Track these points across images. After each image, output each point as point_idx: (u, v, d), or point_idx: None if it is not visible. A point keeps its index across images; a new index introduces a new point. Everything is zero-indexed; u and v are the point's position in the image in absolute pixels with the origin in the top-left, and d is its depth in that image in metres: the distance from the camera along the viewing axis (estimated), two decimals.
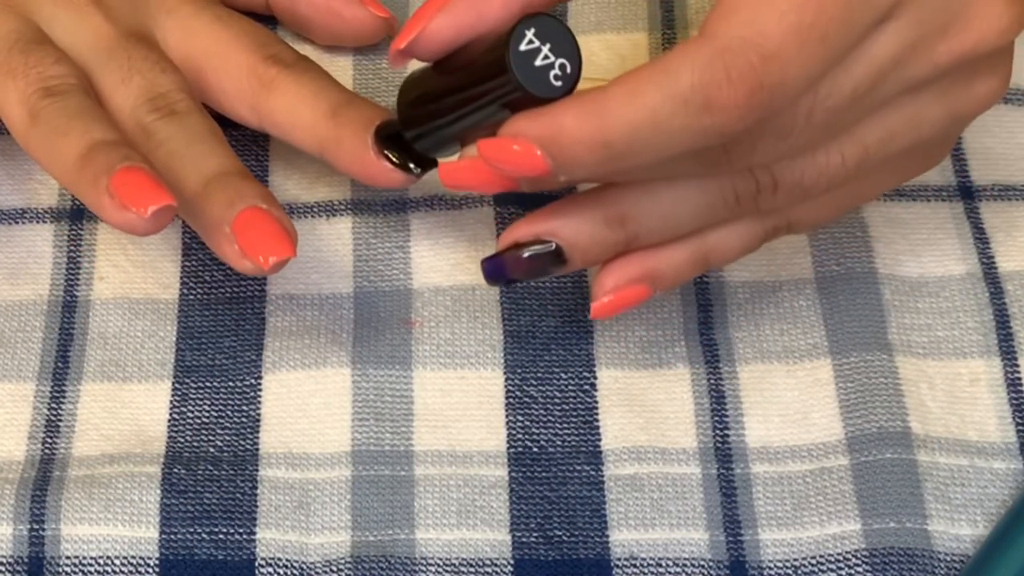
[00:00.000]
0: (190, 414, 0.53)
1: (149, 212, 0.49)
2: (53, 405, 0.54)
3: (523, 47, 0.45)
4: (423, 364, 0.54)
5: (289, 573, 0.50)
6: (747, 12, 0.43)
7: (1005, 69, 0.48)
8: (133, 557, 0.50)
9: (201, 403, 0.53)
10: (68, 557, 0.50)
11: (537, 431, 0.53)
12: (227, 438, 0.53)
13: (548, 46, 0.45)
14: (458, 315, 0.55)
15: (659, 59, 0.43)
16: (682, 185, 0.47)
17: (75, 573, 0.50)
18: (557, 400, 0.53)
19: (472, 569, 0.50)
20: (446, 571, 0.50)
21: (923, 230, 0.56)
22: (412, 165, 0.52)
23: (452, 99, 0.48)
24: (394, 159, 0.52)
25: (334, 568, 0.50)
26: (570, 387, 0.53)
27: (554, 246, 0.48)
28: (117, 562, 0.50)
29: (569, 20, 0.62)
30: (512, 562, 0.50)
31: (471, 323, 0.55)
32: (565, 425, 0.53)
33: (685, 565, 0.50)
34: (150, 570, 0.50)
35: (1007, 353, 0.54)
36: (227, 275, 0.56)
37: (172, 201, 0.49)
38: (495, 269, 0.49)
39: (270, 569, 0.50)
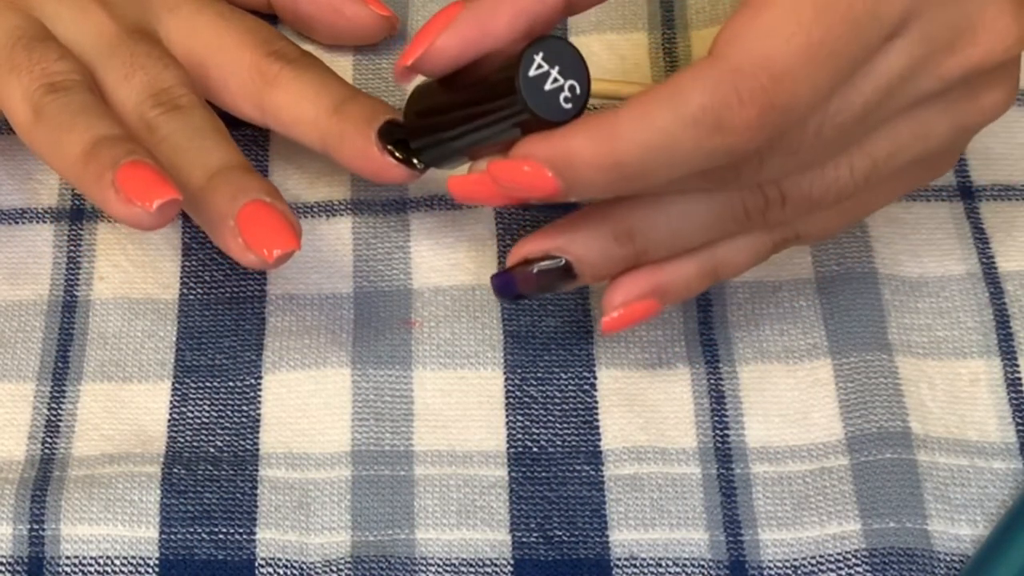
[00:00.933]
0: (190, 414, 0.53)
1: (154, 206, 0.49)
2: (53, 405, 0.54)
3: (532, 72, 0.45)
4: (423, 364, 0.54)
5: (289, 573, 0.50)
6: (756, 34, 0.43)
7: (1011, 81, 0.48)
8: (133, 557, 0.50)
9: (201, 403, 0.53)
10: (68, 557, 0.50)
11: (537, 431, 0.53)
12: (227, 438, 0.53)
13: (557, 68, 0.45)
14: (458, 315, 0.55)
15: (669, 81, 0.43)
16: (691, 200, 0.48)
17: (75, 573, 0.50)
18: (557, 400, 0.53)
19: (472, 569, 0.50)
20: (446, 571, 0.50)
21: (923, 230, 0.56)
22: (415, 161, 0.52)
23: (460, 115, 0.48)
24: (398, 154, 0.52)
25: (334, 568, 0.50)
26: (570, 387, 0.53)
27: (563, 262, 0.48)
28: (117, 562, 0.50)
29: (569, 20, 0.62)
30: (512, 562, 0.50)
31: (471, 323, 0.55)
32: (565, 425, 0.53)
33: (685, 565, 0.50)
34: (150, 570, 0.50)
35: (1007, 353, 0.54)
36: (227, 275, 0.56)
37: (177, 195, 0.49)
38: (504, 285, 0.50)
39: (270, 569, 0.50)
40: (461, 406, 0.53)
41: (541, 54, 0.45)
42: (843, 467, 0.51)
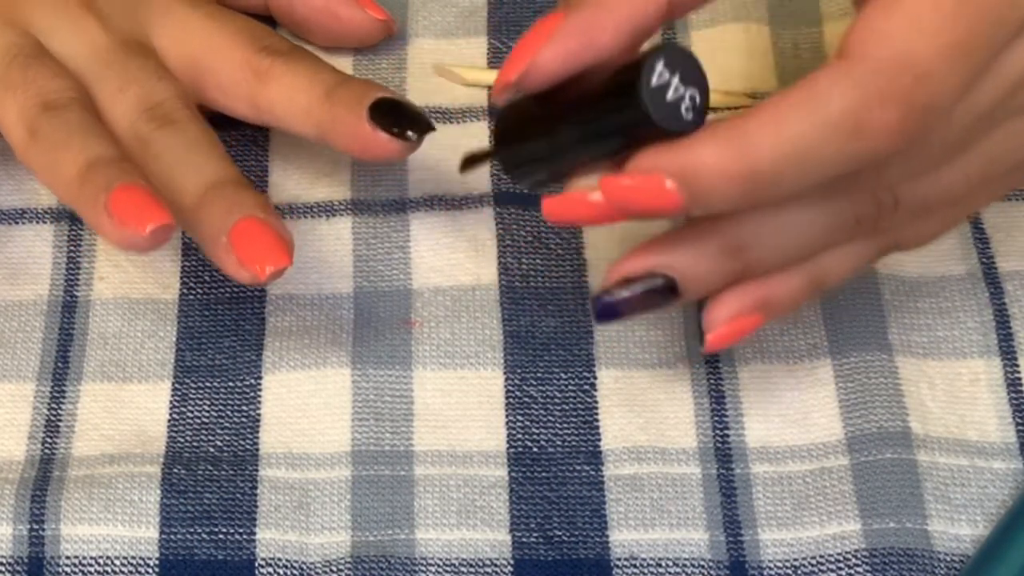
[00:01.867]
0: (190, 414, 0.53)
1: (147, 230, 0.49)
2: (53, 405, 0.54)
3: (655, 81, 0.43)
4: (423, 364, 0.54)
5: (289, 573, 0.50)
6: (896, 31, 0.41)
7: None
8: (133, 557, 0.50)
9: (201, 403, 0.54)
10: (68, 557, 0.50)
11: (537, 431, 0.53)
12: (227, 438, 0.53)
13: (677, 77, 0.43)
14: (458, 315, 0.55)
15: (803, 84, 0.42)
16: (802, 211, 0.46)
17: (75, 573, 0.50)
18: (557, 400, 0.53)
19: (472, 569, 0.50)
20: (446, 571, 0.50)
21: None
22: (410, 132, 0.52)
23: (563, 132, 0.46)
24: (391, 130, 0.52)
25: (334, 568, 0.50)
26: (570, 387, 0.53)
27: (664, 279, 0.46)
28: (117, 562, 0.50)
29: None
30: (512, 562, 0.50)
31: (471, 323, 0.55)
32: (565, 425, 0.53)
33: (685, 565, 0.50)
34: (150, 570, 0.50)
35: (1007, 353, 0.54)
36: (227, 275, 0.55)
37: (170, 220, 0.49)
38: (607, 308, 0.47)
39: (270, 569, 0.50)
40: (461, 406, 0.53)
41: (662, 61, 0.43)
42: (843, 467, 0.51)
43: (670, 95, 0.43)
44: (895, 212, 0.46)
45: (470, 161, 0.51)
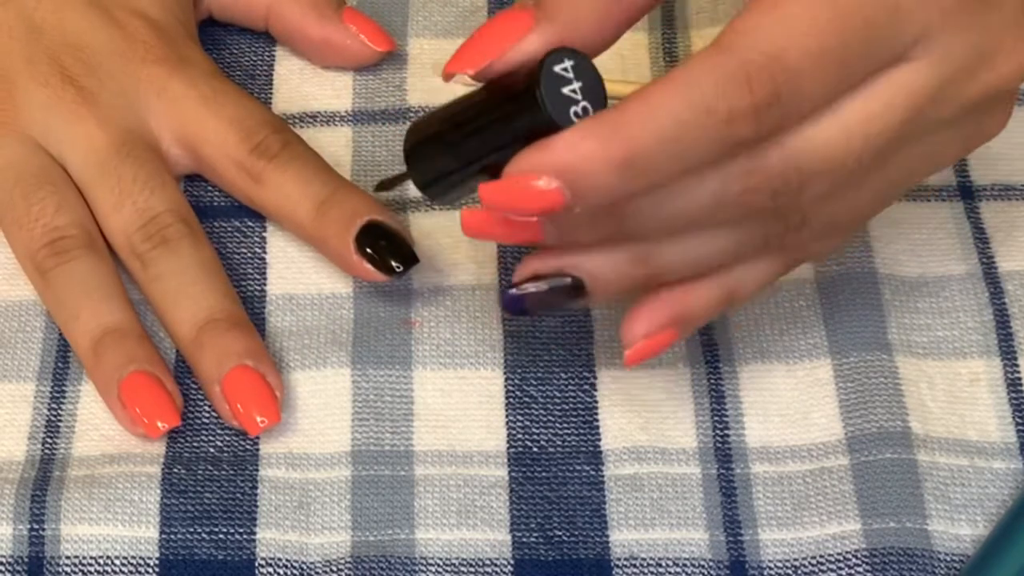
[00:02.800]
0: (190, 414, 0.53)
1: (156, 436, 0.52)
2: (53, 405, 0.54)
3: (556, 69, 0.44)
4: (423, 364, 0.54)
5: (289, 573, 0.50)
6: (768, 30, 0.43)
7: (1013, 100, 0.49)
8: (133, 557, 0.50)
9: (201, 403, 0.53)
10: (68, 557, 0.50)
11: (537, 431, 0.53)
12: (227, 438, 0.53)
13: (580, 84, 0.44)
14: (458, 315, 0.55)
15: (677, 70, 0.43)
16: (711, 228, 0.47)
17: (75, 573, 0.50)
18: (557, 400, 0.53)
19: (472, 569, 0.50)
20: (446, 571, 0.50)
21: (923, 230, 0.56)
22: (394, 264, 0.53)
23: (466, 132, 0.46)
24: (376, 259, 0.53)
25: (334, 568, 0.50)
26: (570, 387, 0.53)
27: (572, 280, 0.47)
28: (117, 562, 0.50)
29: None
30: (512, 562, 0.50)
31: (471, 323, 0.55)
32: (565, 425, 0.53)
33: (685, 565, 0.50)
34: (150, 570, 0.50)
35: (1007, 353, 0.54)
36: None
37: (178, 421, 0.52)
38: (513, 301, 0.48)
39: (270, 569, 0.50)
40: (461, 406, 0.53)
41: (572, 63, 0.44)
42: (843, 467, 0.51)
43: (565, 90, 0.44)
44: (802, 230, 0.47)
45: (383, 185, 0.52)
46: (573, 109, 0.44)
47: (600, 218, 0.45)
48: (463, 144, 0.46)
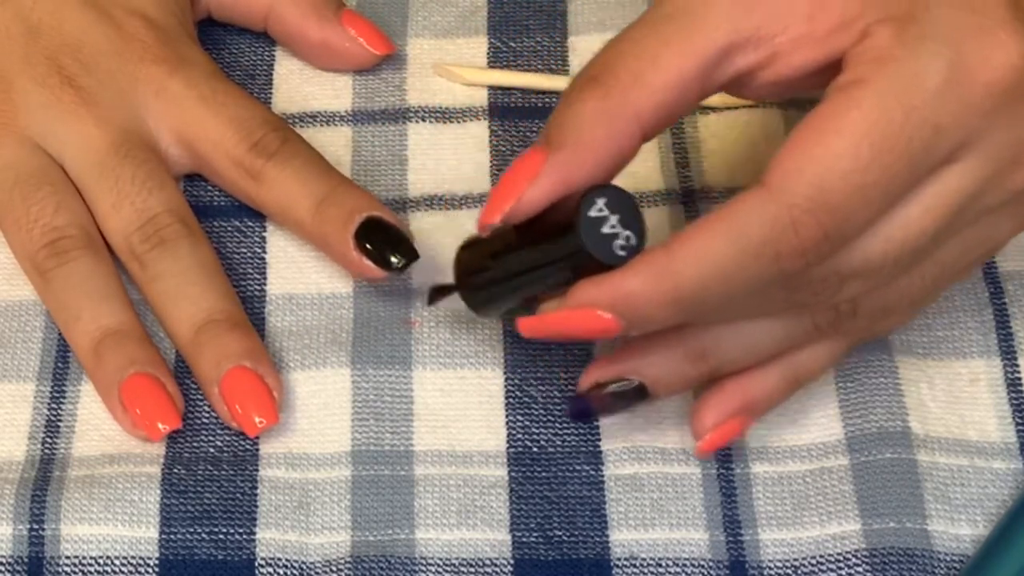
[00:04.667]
0: (190, 414, 0.53)
1: (157, 438, 0.52)
2: (53, 405, 0.54)
3: (592, 213, 0.45)
4: (423, 364, 0.54)
5: (289, 573, 0.50)
6: (812, 170, 0.43)
7: None
8: (133, 557, 0.50)
9: (201, 403, 0.53)
10: (68, 557, 0.50)
11: (537, 431, 0.53)
12: (227, 438, 0.53)
13: (617, 217, 0.45)
14: (458, 315, 0.55)
15: (724, 212, 0.44)
16: (760, 321, 0.48)
17: (75, 573, 0.50)
18: (557, 400, 0.53)
19: (472, 569, 0.50)
20: (446, 571, 0.50)
21: None
22: (394, 259, 0.53)
23: (515, 260, 0.48)
24: (375, 255, 0.53)
25: (334, 568, 0.50)
26: (570, 387, 0.53)
27: (637, 383, 0.49)
28: (117, 562, 0.50)
29: (569, 19, 0.62)
30: (512, 562, 0.50)
31: (471, 323, 0.55)
32: (565, 425, 0.53)
33: (685, 565, 0.50)
34: (150, 570, 0.50)
35: (1007, 353, 0.54)
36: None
37: (179, 424, 0.52)
38: (581, 409, 0.51)
39: (270, 569, 0.50)
40: (461, 406, 0.53)
41: (604, 200, 0.45)
42: (843, 467, 0.51)
43: (605, 229, 0.45)
44: (854, 318, 0.48)
45: (437, 293, 0.53)
46: (617, 243, 0.45)
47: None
48: (511, 275, 0.49)
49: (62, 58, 0.56)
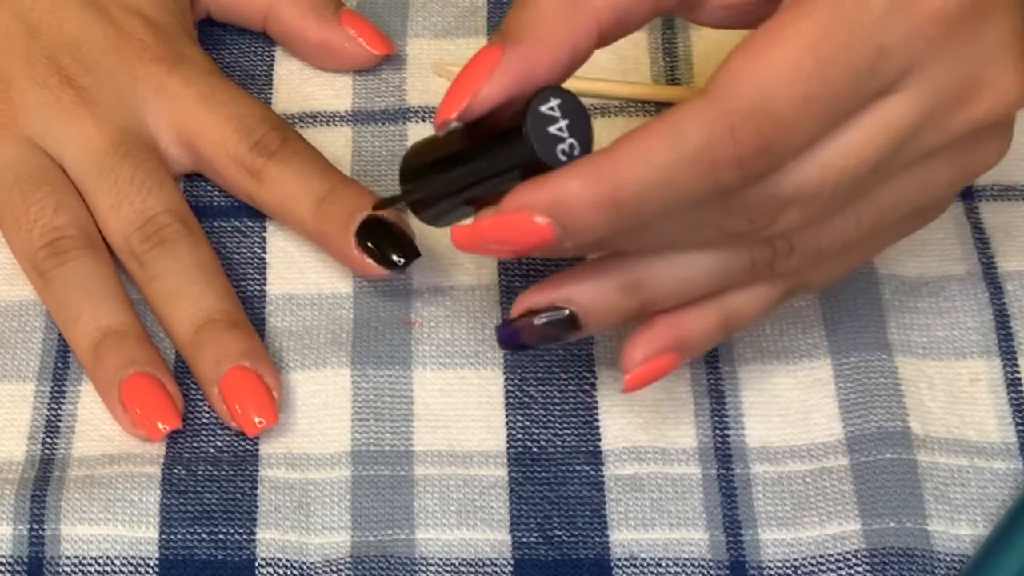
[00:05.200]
0: (190, 414, 0.53)
1: (158, 438, 0.52)
2: (53, 405, 0.54)
3: (543, 109, 0.44)
4: (423, 364, 0.54)
5: (289, 573, 0.50)
6: (755, 77, 0.43)
7: (1008, 131, 0.48)
8: (133, 557, 0.50)
9: (201, 403, 0.53)
10: (68, 557, 0.50)
11: (537, 431, 0.53)
12: (227, 438, 0.53)
13: (567, 122, 0.44)
14: (458, 315, 0.55)
15: (665, 118, 0.43)
16: (698, 252, 0.47)
17: (75, 573, 0.50)
18: (557, 400, 0.53)
19: (472, 569, 0.50)
20: (446, 571, 0.50)
21: (923, 230, 0.56)
22: (395, 257, 0.53)
23: (459, 163, 0.47)
24: (377, 253, 0.53)
25: (334, 568, 0.50)
26: (570, 387, 0.53)
27: (568, 312, 0.47)
28: (117, 562, 0.50)
29: None
30: (512, 562, 0.50)
31: (471, 323, 0.55)
32: (565, 425, 0.53)
33: (685, 565, 0.50)
34: (150, 570, 0.50)
35: (1007, 353, 0.54)
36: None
37: (179, 423, 0.52)
38: (509, 336, 0.49)
39: (270, 569, 0.50)
40: (461, 406, 0.53)
41: (559, 101, 0.44)
42: (843, 467, 0.51)
43: (551, 129, 0.44)
44: (790, 256, 0.47)
45: (385, 203, 0.52)
46: (560, 147, 0.44)
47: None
48: (455, 178, 0.47)
49: (61, 58, 0.56)
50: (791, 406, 0.53)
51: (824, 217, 0.47)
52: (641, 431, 0.52)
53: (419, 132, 0.59)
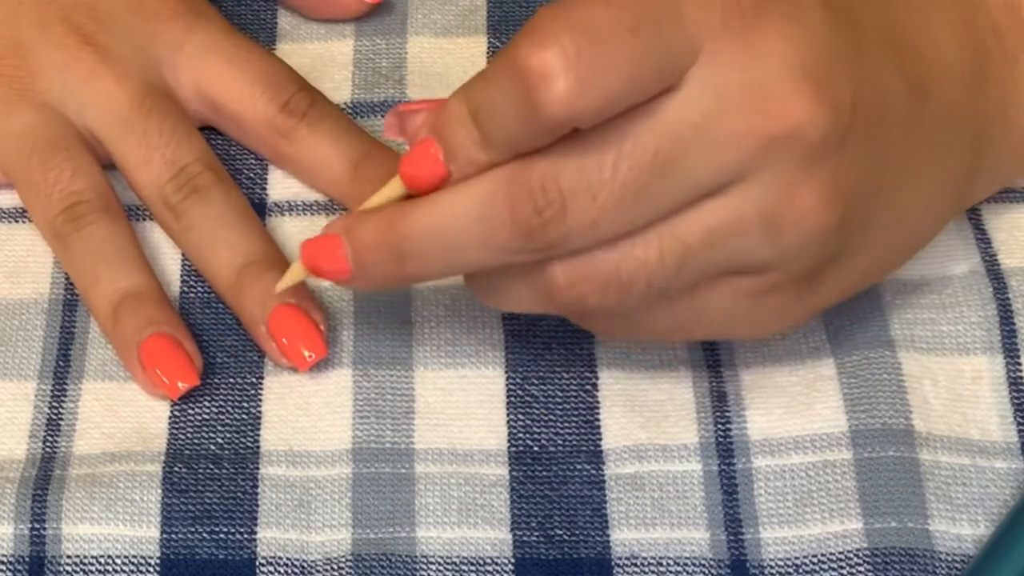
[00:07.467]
0: (191, 412, 0.53)
1: (177, 396, 0.53)
2: (54, 404, 0.54)
3: None
4: (424, 364, 0.54)
5: (290, 571, 0.50)
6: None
7: (825, 190, 0.45)
8: (134, 556, 0.50)
9: (202, 401, 0.54)
10: (69, 556, 0.50)
11: (538, 430, 0.53)
12: (228, 436, 0.53)
13: None
14: (458, 315, 0.55)
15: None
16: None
17: (76, 572, 0.50)
18: (558, 399, 0.53)
19: (473, 568, 0.50)
20: (447, 570, 0.50)
21: None
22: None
23: None
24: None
25: (335, 566, 0.50)
26: (571, 386, 0.53)
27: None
28: (118, 561, 0.50)
29: None
30: (513, 561, 0.50)
31: (471, 323, 0.55)
32: (566, 424, 0.53)
33: (686, 564, 0.50)
34: (151, 569, 0.50)
35: (1010, 351, 0.54)
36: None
37: (197, 381, 0.53)
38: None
39: (271, 568, 0.50)
40: (462, 404, 0.53)
41: None
42: (846, 461, 0.51)
43: None
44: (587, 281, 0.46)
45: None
46: None
47: None
48: None
49: (77, 17, 0.56)
50: (795, 398, 0.53)
51: (616, 229, 0.45)
52: (642, 430, 0.52)
53: None
